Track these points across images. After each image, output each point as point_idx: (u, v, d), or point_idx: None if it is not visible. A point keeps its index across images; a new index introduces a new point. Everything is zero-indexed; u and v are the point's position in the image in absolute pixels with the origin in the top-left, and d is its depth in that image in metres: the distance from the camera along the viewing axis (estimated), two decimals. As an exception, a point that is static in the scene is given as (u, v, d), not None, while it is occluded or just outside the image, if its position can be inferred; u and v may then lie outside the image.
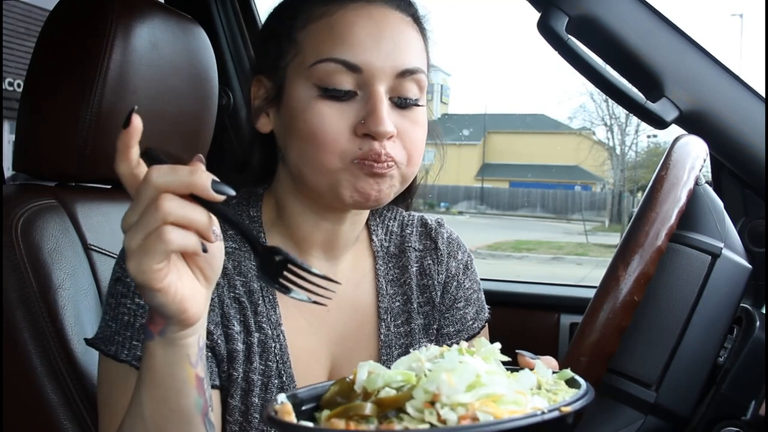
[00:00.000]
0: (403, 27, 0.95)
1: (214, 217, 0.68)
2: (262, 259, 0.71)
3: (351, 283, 1.06)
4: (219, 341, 0.94)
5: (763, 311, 1.08)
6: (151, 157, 0.70)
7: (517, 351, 0.74)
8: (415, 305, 1.08)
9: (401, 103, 0.94)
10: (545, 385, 0.66)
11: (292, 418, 0.63)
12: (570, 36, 1.09)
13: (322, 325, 1.02)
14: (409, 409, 0.59)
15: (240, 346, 0.95)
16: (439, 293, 1.10)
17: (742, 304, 1.04)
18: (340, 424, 0.60)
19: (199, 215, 0.66)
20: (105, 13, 1.20)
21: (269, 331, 0.97)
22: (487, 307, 1.17)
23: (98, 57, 1.18)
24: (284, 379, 0.96)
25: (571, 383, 0.68)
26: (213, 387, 0.93)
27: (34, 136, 1.24)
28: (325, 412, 0.64)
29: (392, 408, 0.60)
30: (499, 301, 1.84)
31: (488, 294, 1.20)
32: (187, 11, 1.42)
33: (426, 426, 0.57)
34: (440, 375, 0.59)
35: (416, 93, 0.95)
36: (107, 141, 1.21)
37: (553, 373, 0.71)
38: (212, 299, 0.94)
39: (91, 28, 1.20)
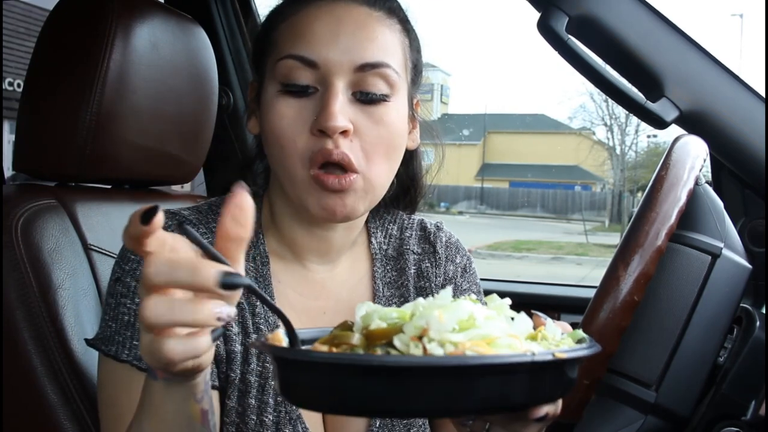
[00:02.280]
0: (368, 22, 0.93)
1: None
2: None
3: (347, 285, 1.05)
4: (218, 342, 0.94)
5: (763, 311, 1.08)
6: (186, 233, 0.62)
7: (532, 311, 0.73)
8: (418, 299, 1.08)
9: (363, 98, 0.91)
10: (550, 340, 0.65)
11: (282, 344, 0.63)
12: (570, 36, 1.09)
13: (318, 326, 1.02)
14: (397, 342, 0.59)
15: (238, 348, 0.95)
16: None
17: (742, 304, 1.04)
18: (324, 348, 0.61)
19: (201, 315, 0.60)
20: (105, 13, 1.20)
21: (267, 333, 0.97)
22: None
23: (98, 57, 1.18)
24: None
25: (580, 342, 0.67)
26: (212, 388, 0.93)
27: (34, 136, 1.24)
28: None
29: (381, 340, 0.60)
30: (499, 301, 1.84)
31: (488, 294, 1.20)
32: (187, 11, 1.42)
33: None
34: (432, 311, 0.59)
35: (382, 88, 0.92)
36: (107, 141, 1.21)
37: (563, 334, 0.69)
38: None
39: (91, 28, 1.20)
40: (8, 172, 1.96)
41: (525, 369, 0.55)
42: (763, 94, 1.11)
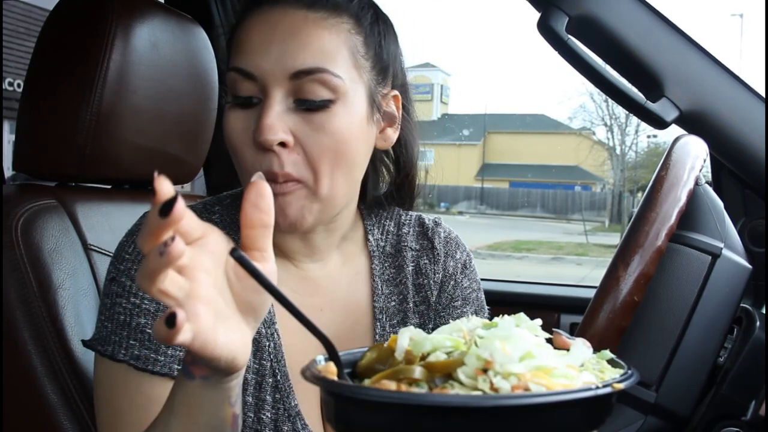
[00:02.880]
0: (303, 27, 0.89)
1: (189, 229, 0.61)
2: None
3: (344, 282, 1.05)
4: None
5: (763, 311, 1.08)
6: (238, 259, 0.59)
7: (554, 329, 0.72)
8: (411, 305, 1.07)
9: (302, 105, 0.88)
10: (588, 364, 0.64)
11: (335, 378, 0.61)
12: (570, 36, 1.09)
13: (316, 324, 1.02)
14: (461, 375, 0.57)
15: None
16: (435, 293, 1.09)
17: (742, 304, 1.04)
18: (392, 385, 0.58)
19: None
20: (105, 13, 1.20)
21: (263, 330, 0.97)
22: (487, 307, 1.16)
23: (98, 57, 1.18)
24: (278, 377, 0.96)
25: (612, 364, 0.66)
26: None
27: (34, 136, 1.24)
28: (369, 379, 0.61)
29: (442, 373, 0.58)
30: (499, 301, 1.84)
31: (488, 294, 1.20)
32: (187, 11, 1.42)
33: (479, 393, 0.55)
34: (494, 342, 0.57)
35: (323, 94, 0.88)
36: (107, 141, 1.21)
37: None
38: None
39: (91, 28, 1.20)
40: (8, 172, 1.96)
41: (589, 401, 0.55)
42: (763, 94, 1.11)
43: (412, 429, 0.55)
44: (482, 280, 1.19)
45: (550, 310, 1.87)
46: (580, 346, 0.67)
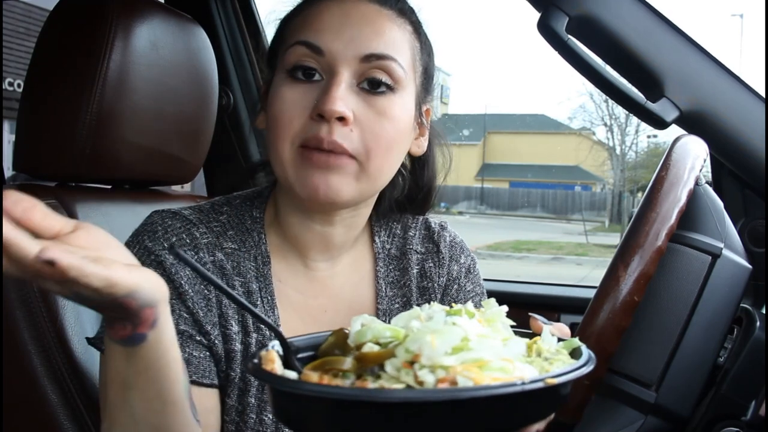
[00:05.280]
0: (376, 17, 0.95)
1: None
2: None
3: (349, 284, 1.05)
4: (217, 341, 0.94)
5: (763, 311, 1.08)
6: (178, 257, 0.63)
7: (530, 314, 0.72)
8: (414, 307, 1.08)
9: (366, 87, 0.93)
10: (545, 353, 0.64)
11: (274, 366, 0.62)
12: (570, 36, 1.09)
13: (318, 326, 1.02)
14: (388, 367, 0.58)
15: (238, 347, 0.95)
16: (438, 296, 1.09)
17: (742, 304, 1.04)
18: (314, 376, 0.60)
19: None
20: (105, 13, 1.20)
21: (266, 332, 0.97)
22: None
23: (98, 57, 1.18)
24: None
25: (575, 354, 0.66)
26: (212, 386, 0.93)
27: (34, 136, 1.24)
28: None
29: (373, 364, 0.59)
30: (499, 301, 1.83)
31: (488, 294, 1.20)
32: (187, 11, 1.42)
33: (401, 386, 0.56)
34: (424, 336, 0.58)
35: (387, 81, 0.93)
36: (107, 141, 1.21)
37: (561, 341, 0.68)
38: (210, 299, 0.94)
39: (91, 28, 1.20)
40: (8, 172, 1.96)
41: (516, 396, 0.54)
42: (763, 94, 1.11)
43: (327, 418, 0.56)
44: (482, 280, 1.19)
45: (550, 310, 1.86)
46: (546, 335, 0.67)
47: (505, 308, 0.68)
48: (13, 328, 1.10)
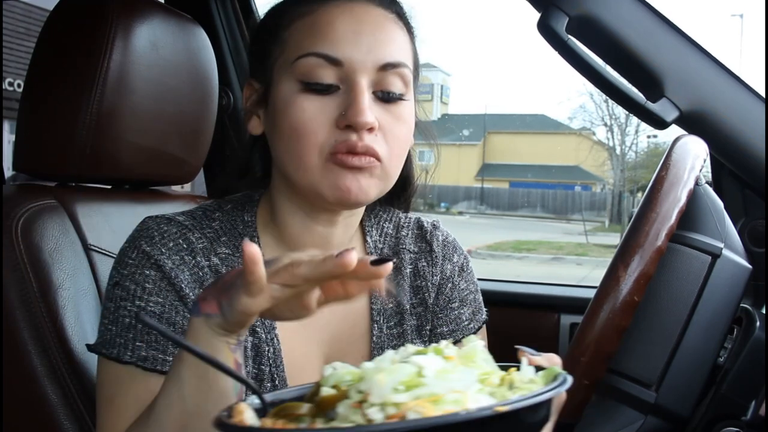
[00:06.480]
0: (384, 23, 0.95)
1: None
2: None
3: None
4: None
5: (763, 311, 1.08)
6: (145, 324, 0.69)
7: (516, 347, 0.72)
8: (408, 307, 1.08)
9: (384, 96, 0.93)
10: (516, 383, 0.64)
11: (242, 417, 0.62)
12: (570, 36, 1.09)
13: (314, 327, 1.02)
14: (340, 408, 0.58)
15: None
16: (432, 295, 1.09)
17: (742, 304, 1.04)
18: (268, 422, 0.61)
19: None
20: (105, 13, 1.20)
21: (263, 335, 0.97)
22: (485, 309, 1.16)
23: (98, 57, 1.18)
24: (277, 382, 0.96)
25: (555, 380, 0.64)
26: None
27: (34, 136, 1.24)
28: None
29: (330, 407, 0.60)
30: (499, 301, 1.84)
31: (488, 294, 1.20)
32: (187, 11, 1.42)
33: (349, 425, 0.56)
34: (374, 375, 0.58)
35: (400, 87, 0.94)
36: (107, 141, 1.21)
37: (539, 370, 0.67)
38: None
39: (91, 28, 1.20)
40: (8, 172, 1.96)
41: (459, 426, 0.53)
42: (763, 94, 1.11)
43: None
44: (482, 280, 1.19)
45: (550, 310, 1.87)
46: (524, 365, 0.67)
47: (482, 343, 0.68)
48: (13, 328, 1.10)
